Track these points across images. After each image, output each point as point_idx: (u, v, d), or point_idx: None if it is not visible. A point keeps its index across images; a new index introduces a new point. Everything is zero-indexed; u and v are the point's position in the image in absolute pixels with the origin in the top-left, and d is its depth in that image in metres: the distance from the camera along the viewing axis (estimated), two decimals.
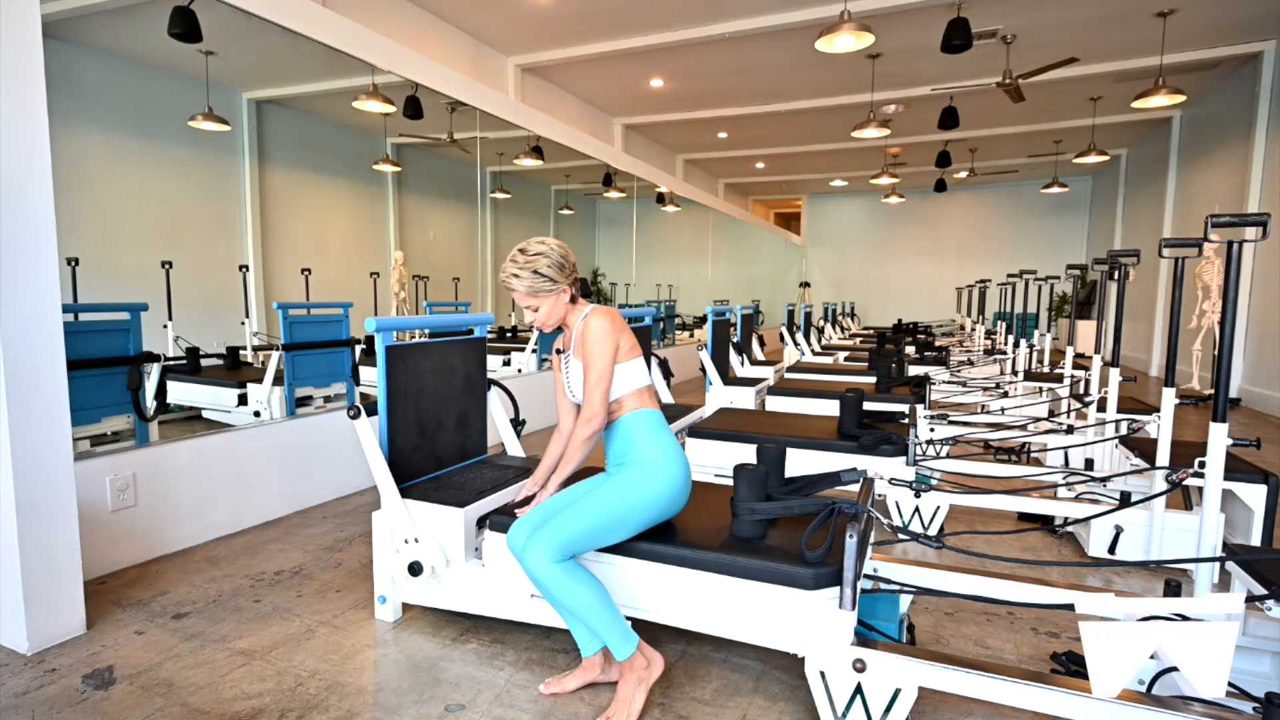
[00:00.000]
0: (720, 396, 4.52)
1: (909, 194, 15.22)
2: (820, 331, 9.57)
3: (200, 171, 3.25)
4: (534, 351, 5.44)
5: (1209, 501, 1.85)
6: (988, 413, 4.24)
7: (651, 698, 1.71)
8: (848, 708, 1.51)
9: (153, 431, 2.75)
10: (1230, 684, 1.59)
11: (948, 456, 3.07)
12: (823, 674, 1.53)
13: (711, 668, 1.85)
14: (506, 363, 5.49)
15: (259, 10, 2.93)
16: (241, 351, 3.48)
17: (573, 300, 1.84)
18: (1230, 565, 1.70)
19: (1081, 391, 4.22)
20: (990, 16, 5.91)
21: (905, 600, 1.82)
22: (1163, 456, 2.40)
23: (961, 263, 15.04)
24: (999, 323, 9.71)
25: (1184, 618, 1.49)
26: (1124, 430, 3.08)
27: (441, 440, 2.29)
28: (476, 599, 1.96)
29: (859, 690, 1.50)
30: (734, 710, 1.67)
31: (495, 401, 2.57)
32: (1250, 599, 1.52)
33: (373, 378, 3.48)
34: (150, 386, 2.76)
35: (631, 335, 1.85)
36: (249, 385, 3.26)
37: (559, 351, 1.91)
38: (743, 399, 4.45)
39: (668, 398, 3.76)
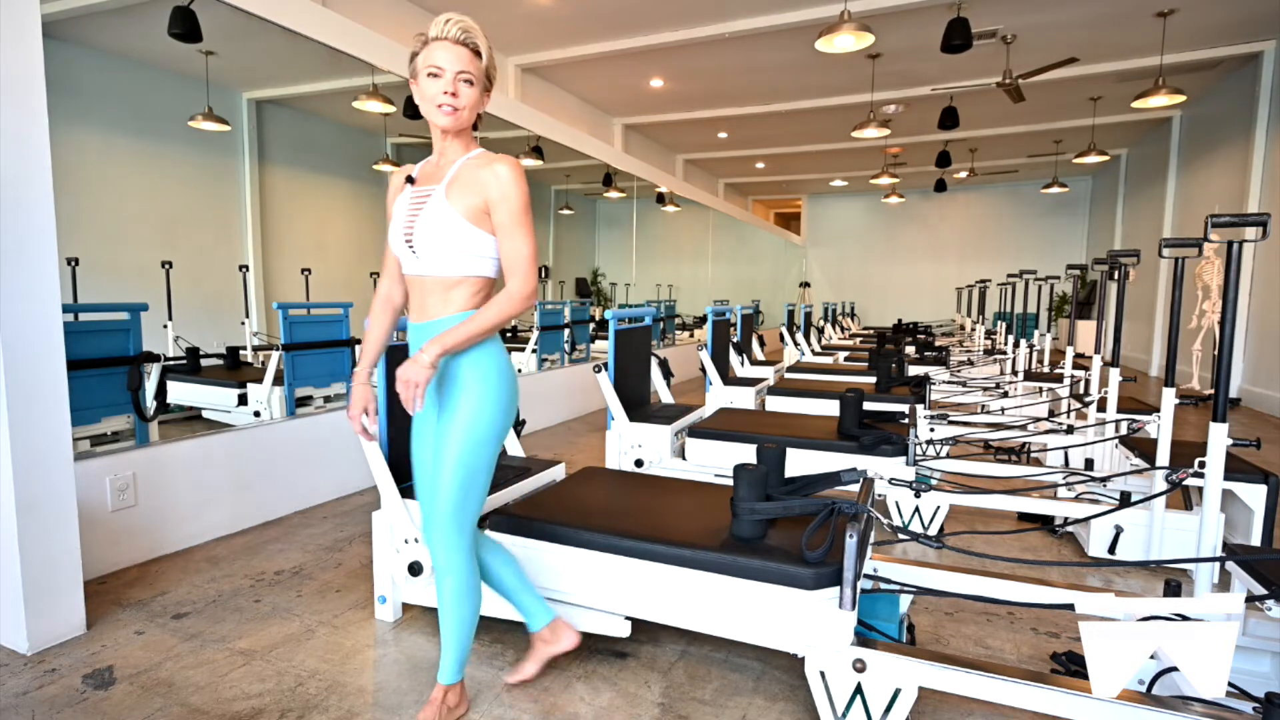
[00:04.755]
0: (720, 396, 4.52)
1: (909, 194, 15.22)
2: (820, 331, 9.57)
3: (200, 171, 3.25)
4: (534, 351, 5.44)
5: (1209, 501, 1.85)
6: (988, 413, 4.24)
7: (652, 697, 1.71)
8: (848, 708, 1.51)
9: (153, 431, 2.75)
10: (1230, 684, 1.59)
11: (948, 456, 3.07)
12: (823, 674, 1.53)
13: (711, 668, 1.85)
14: None
15: (259, 10, 2.93)
16: (241, 351, 3.48)
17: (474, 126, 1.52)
18: (1230, 565, 1.70)
19: (1081, 391, 4.22)
20: (990, 16, 5.91)
21: (905, 600, 1.82)
22: (1163, 456, 2.40)
23: (961, 263, 15.04)
24: (999, 323, 9.71)
25: (1184, 618, 1.49)
26: (1124, 430, 3.08)
27: None
28: None
29: (859, 690, 1.50)
30: (734, 710, 1.67)
31: None
32: (1250, 599, 1.52)
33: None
34: (150, 386, 2.76)
35: None
36: (249, 385, 3.26)
37: (410, 180, 1.51)
38: (743, 399, 4.45)
39: (668, 398, 3.76)
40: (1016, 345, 6.25)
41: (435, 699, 1.59)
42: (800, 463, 2.98)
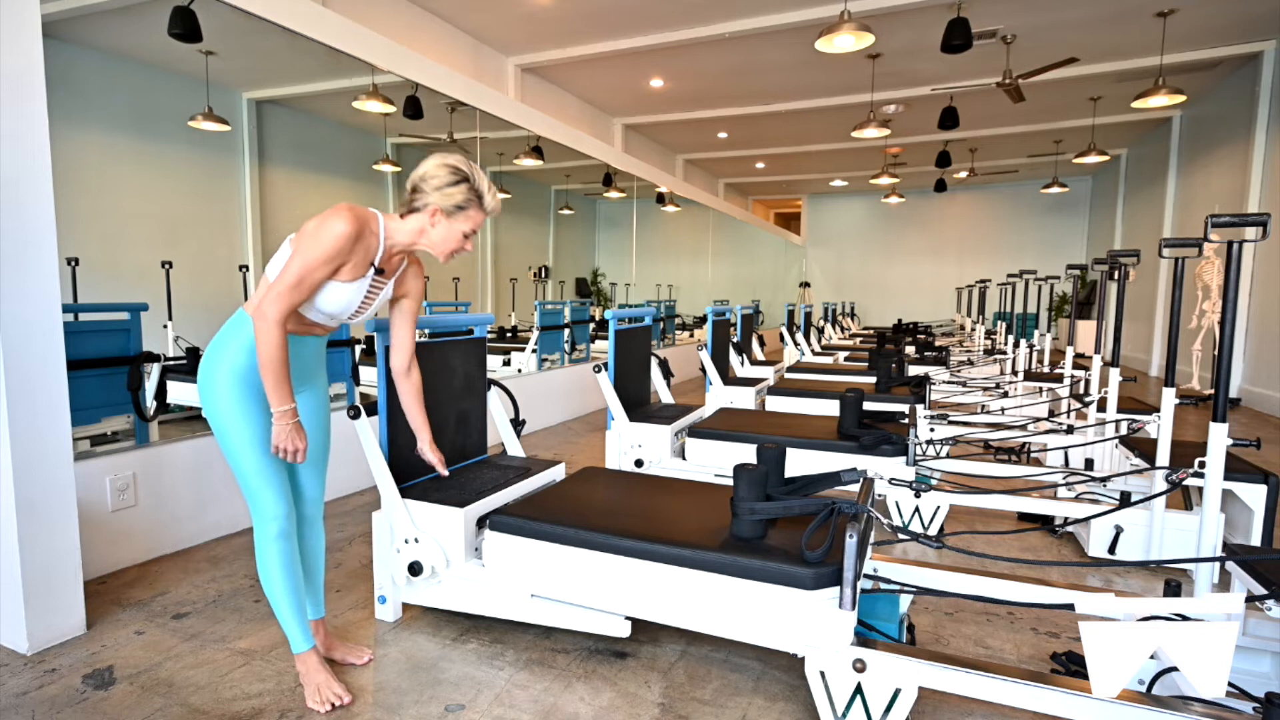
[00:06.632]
0: (720, 396, 4.52)
1: (909, 194, 15.22)
2: (820, 331, 9.57)
3: (200, 171, 3.24)
4: (534, 351, 5.44)
5: (1209, 501, 1.85)
6: (988, 413, 4.24)
7: (652, 697, 1.71)
8: (848, 708, 1.51)
9: (153, 431, 2.74)
10: (1230, 684, 1.59)
11: (948, 456, 3.07)
12: (823, 674, 1.53)
13: (711, 668, 1.85)
14: (506, 363, 5.49)
15: (259, 10, 2.93)
16: None
17: None
18: (1230, 565, 1.70)
19: (1081, 391, 4.22)
20: (990, 16, 5.91)
21: (905, 600, 1.82)
22: (1163, 456, 2.40)
23: (961, 263, 15.04)
24: (999, 323, 9.71)
25: (1184, 618, 1.49)
26: (1124, 430, 3.08)
27: (441, 440, 2.29)
28: (476, 599, 1.96)
29: (859, 690, 1.50)
30: (734, 710, 1.67)
31: (495, 401, 2.57)
32: (1250, 599, 1.52)
33: (373, 378, 3.49)
34: (150, 386, 2.76)
35: None
36: None
37: (380, 271, 1.71)
38: (743, 399, 4.45)
39: (668, 398, 3.76)
40: (1016, 345, 6.25)
41: (318, 661, 1.69)
42: (800, 463, 2.98)
